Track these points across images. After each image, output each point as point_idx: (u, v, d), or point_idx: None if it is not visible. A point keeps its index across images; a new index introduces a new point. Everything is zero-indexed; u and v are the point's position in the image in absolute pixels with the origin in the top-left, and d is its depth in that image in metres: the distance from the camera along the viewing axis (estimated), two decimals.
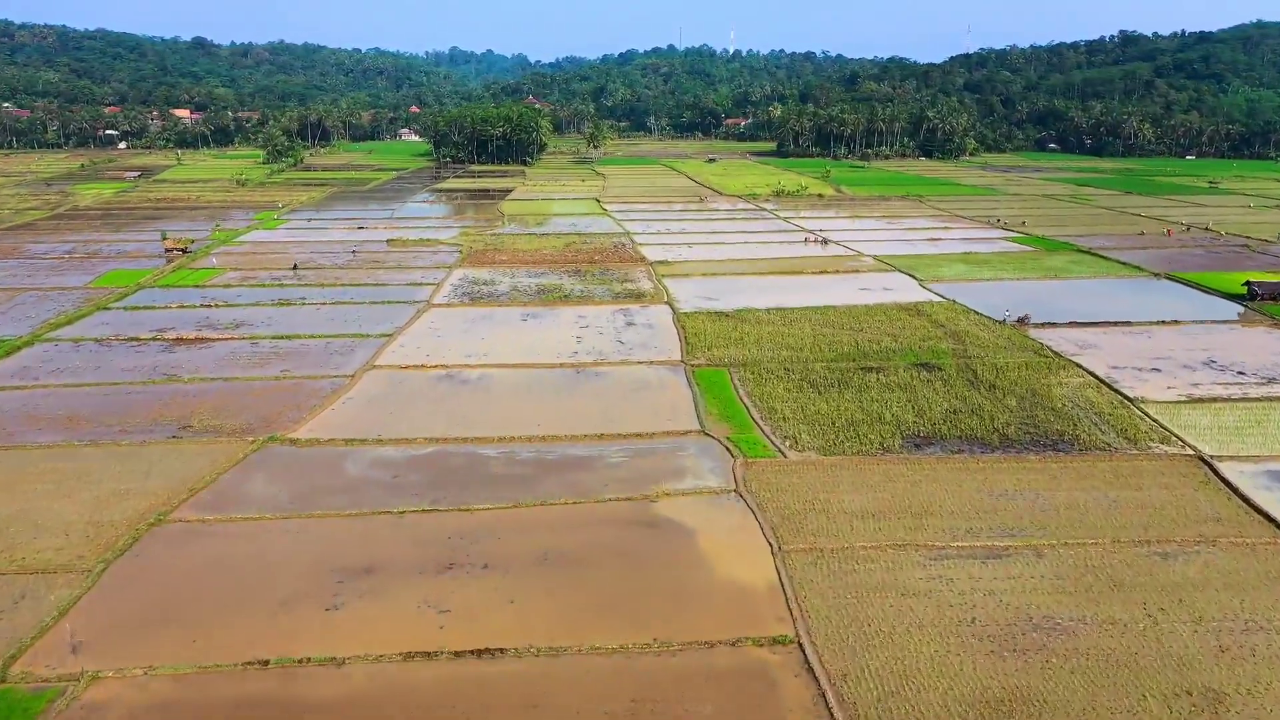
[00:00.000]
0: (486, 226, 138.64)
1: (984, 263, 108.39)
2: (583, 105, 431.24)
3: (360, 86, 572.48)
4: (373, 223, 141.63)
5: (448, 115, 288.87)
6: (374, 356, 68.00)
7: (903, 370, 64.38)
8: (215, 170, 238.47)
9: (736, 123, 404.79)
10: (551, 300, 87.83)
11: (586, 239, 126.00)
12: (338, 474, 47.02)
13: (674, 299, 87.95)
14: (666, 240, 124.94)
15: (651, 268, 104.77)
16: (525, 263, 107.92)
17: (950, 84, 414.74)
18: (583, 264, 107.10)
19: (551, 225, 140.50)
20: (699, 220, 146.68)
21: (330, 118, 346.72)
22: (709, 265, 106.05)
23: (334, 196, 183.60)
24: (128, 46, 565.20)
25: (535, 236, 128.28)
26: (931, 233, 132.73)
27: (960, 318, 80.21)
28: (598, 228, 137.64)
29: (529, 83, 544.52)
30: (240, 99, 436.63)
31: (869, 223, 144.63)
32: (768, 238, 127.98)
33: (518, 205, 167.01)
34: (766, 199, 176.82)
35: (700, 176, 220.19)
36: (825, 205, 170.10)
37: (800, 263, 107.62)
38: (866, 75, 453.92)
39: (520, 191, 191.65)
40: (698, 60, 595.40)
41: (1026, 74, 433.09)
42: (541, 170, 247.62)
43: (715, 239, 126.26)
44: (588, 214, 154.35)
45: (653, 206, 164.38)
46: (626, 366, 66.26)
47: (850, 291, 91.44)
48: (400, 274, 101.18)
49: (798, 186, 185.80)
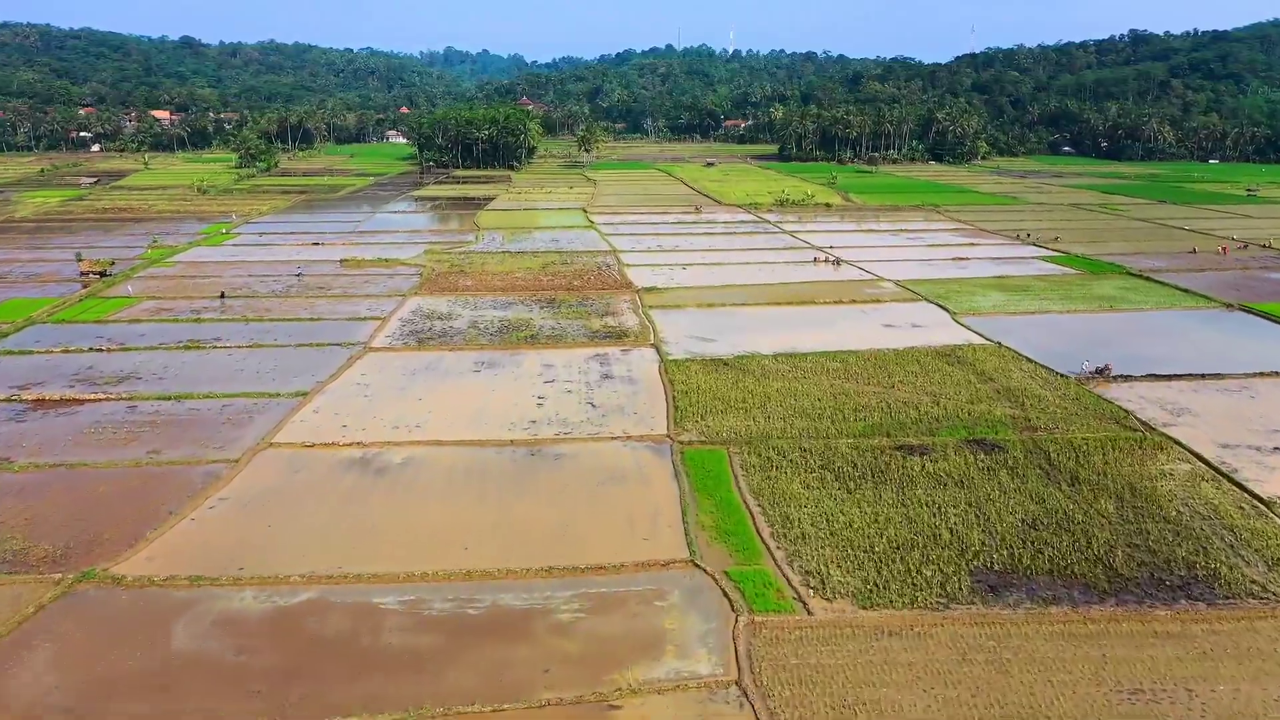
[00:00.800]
0: (457, 242, 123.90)
1: (1023, 289, 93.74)
2: (577, 106, 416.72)
3: (351, 87, 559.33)
4: (332, 238, 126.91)
5: (431, 117, 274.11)
6: (275, 429, 53.26)
7: (953, 451, 49.72)
8: (182, 176, 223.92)
9: (736, 124, 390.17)
10: (515, 342, 73.08)
11: (567, 258, 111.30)
12: (156, 646, 32.24)
13: (662, 339, 73.29)
14: (657, 260, 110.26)
15: (638, 295, 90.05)
16: (492, 289, 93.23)
17: (958, 84, 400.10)
18: (559, 291, 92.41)
19: (530, 241, 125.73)
20: (695, 235, 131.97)
21: (312, 119, 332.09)
22: (705, 293, 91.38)
23: (300, 205, 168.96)
24: (112, 46, 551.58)
25: (510, 255, 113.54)
26: (955, 250, 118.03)
27: (1011, 367, 65.61)
28: (581, 244, 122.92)
29: (523, 83, 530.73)
30: (224, 100, 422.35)
31: (884, 238, 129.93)
32: (772, 257, 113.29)
33: (496, 216, 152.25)
34: (769, 209, 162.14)
35: (697, 183, 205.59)
36: (834, 216, 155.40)
37: (811, 290, 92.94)
38: (870, 75, 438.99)
39: (502, 200, 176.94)
40: (696, 60, 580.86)
41: (1035, 74, 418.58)
42: (529, 175, 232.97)
43: (712, 258, 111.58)
44: (572, 227, 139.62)
45: (644, 218, 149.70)
46: (596, 444, 51.54)
47: (872, 329, 76.79)
48: (344, 304, 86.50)
49: (803, 195, 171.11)
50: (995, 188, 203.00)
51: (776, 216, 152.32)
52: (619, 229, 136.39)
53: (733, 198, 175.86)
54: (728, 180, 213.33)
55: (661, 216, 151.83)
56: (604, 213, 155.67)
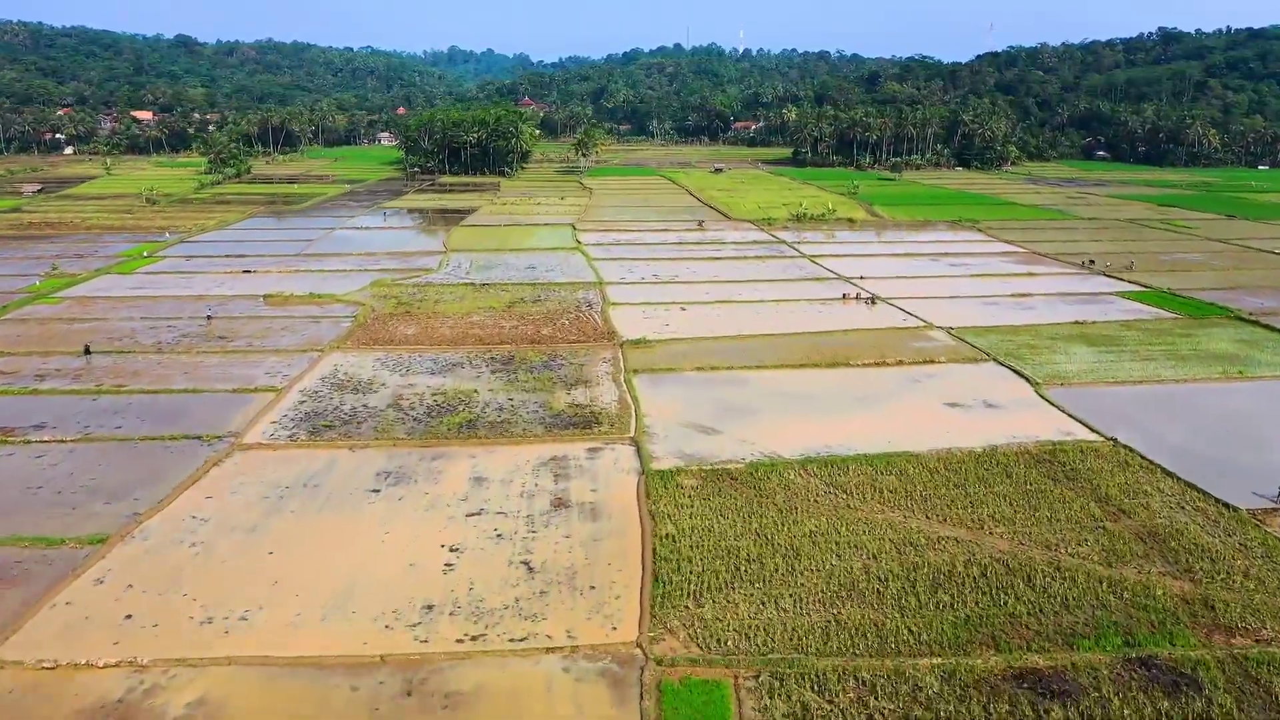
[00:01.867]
0: (415, 270, 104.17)
1: (1113, 343, 73.51)
2: (579, 108, 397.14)
3: (349, 87, 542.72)
4: (270, 263, 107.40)
5: (417, 119, 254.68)
6: (11, 625, 33.54)
7: (1110, 686, 29.73)
8: (144, 182, 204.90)
9: (746, 126, 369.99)
10: (443, 435, 53.19)
11: (541, 293, 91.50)
12: None
13: (646, 429, 53.41)
14: (651, 295, 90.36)
15: (622, 351, 70.18)
16: (438, 340, 73.46)
17: (980, 84, 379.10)
18: (522, 343, 72.61)
19: (501, 268, 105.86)
20: (698, 260, 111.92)
21: (297, 121, 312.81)
22: (708, 347, 71.44)
23: (255, 218, 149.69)
24: (102, 44, 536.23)
25: (472, 289, 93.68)
26: (1012, 282, 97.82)
27: (1143, 484, 45.53)
28: (563, 272, 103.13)
29: (525, 83, 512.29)
30: (211, 100, 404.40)
31: (922, 264, 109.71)
32: (791, 291, 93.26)
33: (470, 234, 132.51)
34: (784, 225, 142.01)
35: (704, 192, 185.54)
36: (859, 235, 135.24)
37: (843, 342, 72.88)
38: (888, 75, 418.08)
39: (483, 213, 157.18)
40: (705, 59, 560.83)
41: (1061, 74, 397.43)
42: (520, 182, 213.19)
43: (718, 293, 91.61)
44: (555, 248, 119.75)
45: (641, 237, 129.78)
46: (519, 665, 31.55)
47: (933, 410, 56.75)
48: (239, 365, 66.83)
49: (823, 209, 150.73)
50: (1034, 198, 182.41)
51: (793, 235, 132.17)
52: (610, 251, 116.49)
53: (743, 210, 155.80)
54: (737, 189, 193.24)
55: (661, 235, 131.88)
56: (595, 229, 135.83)
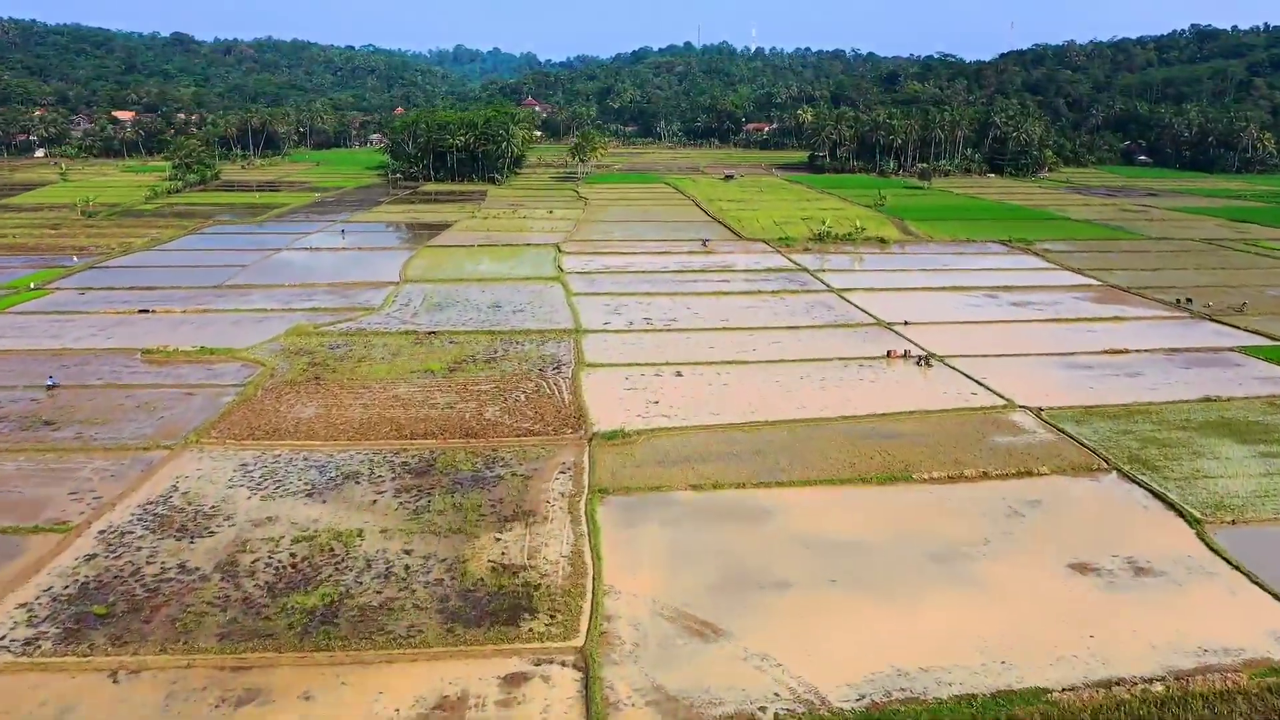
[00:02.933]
0: (350, 309, 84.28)
1: (1270, 433, 53.06)
2: (583, 108, 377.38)
3: (348, 86, 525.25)
4: (178, 301, 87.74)
5: (400, 121, 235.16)
6: None
7: None
8: (98, 189, 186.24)
9: (759, 128, 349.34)
10: (278, 638, 33.13)
11: (500, 346, 71.48)
12: None
13: (605, 632, 33.14)
14: (639, 351, 70.23)
15: (588, 453, 50.01)
16: (340, 429, 53.46)
17: (1008, 84, 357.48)
18: (453, 436, 52.61)
19: (459, 307, 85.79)
20: (702, 295, 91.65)
21: (281, 122, 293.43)
22: (708, 445, 51.23)
23: (196, 235, 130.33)
24: (94, 42, 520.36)
25: (411, 341, 73.62)
26: (1099, 331, 77.30)
27: None
28: (533, 313, 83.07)
29: (530, 82, 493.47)
30: (198, 99, 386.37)
31: (977, 301, 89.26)
32: (818, 343, 72.98)
33: (434, 258, 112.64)
34: (804, 245, 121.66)
35: (712, 204, 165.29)
36: (894, 258, 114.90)
37: (897, 433, 52.51)
38: (908, 74, 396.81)
39: (457, 230, 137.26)
40: (716, 58, 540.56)
41: (1092, 73, 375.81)
42: (509, 191, 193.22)
43: (725, 348, 71.38)
44: (531, 278, 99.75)
45: (635, 262, 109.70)
46: None
47: (1053, 582, 36.32)
48: (46, 472, 47.01)
49: (849, 226, 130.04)
50: (1085, 211, 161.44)
51: (816, 260, 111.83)
52: (596, 283, 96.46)
53: (756, 227, 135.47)
54: (749, 200, 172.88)
55: (659, 259, 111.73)
56: (583, 252, 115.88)
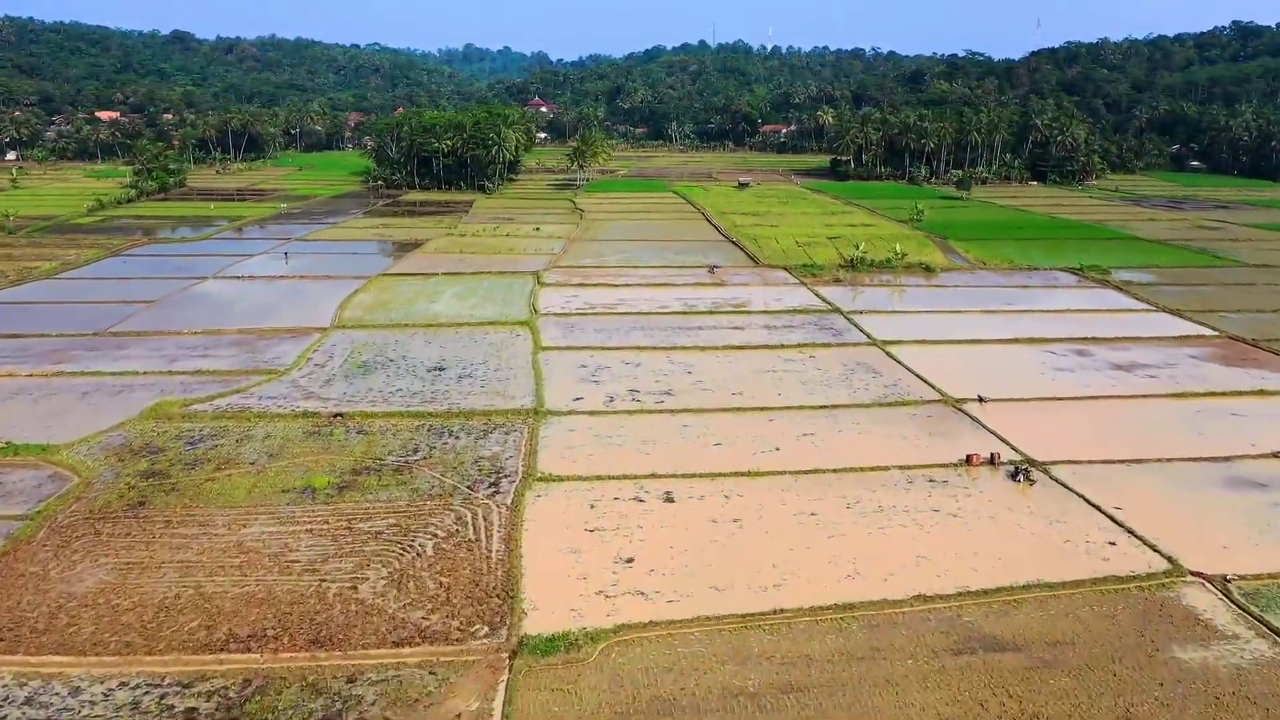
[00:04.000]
0: (246, 376, 64.70)
1: None
2: (590, 108, 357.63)
3: (351, 86, 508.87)
4: (29, 359, 68.13)
5: (383, 123, 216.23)
6: None
7: None
8: (43, 199, 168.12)
9: (776, 130, 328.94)
10: None
11: (422, 442, 51.49)
12: None
13: None
14: (616, 447, 50.14)
15: (504, 689, 29.93)
16: (105, 634, 33.72)
17: (1042, 83, 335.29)
18: (291, 644, 32.82)
19: (390, 369, 65.82)
20: (706, 351, 71.17)
21: (265, 123, 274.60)
22: (704, 656, 31.10)
23: (117, 258, 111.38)
24: (90, 40, 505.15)
25: (307, 427, 53.65)
26: (1251, 416, 56.47)
27: None
28: (483, 380, 63.07)
29: (538, 81, 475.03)
30: (188, 99, 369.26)
31: (1063, 357, 68.61)
32: (865, 440, 52.52)
33: (384, 291, 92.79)
34: (834, 273, 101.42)
35: (724, 216, 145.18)
36: (944, 292, 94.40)
37: (1008, 632, 32.23)
38: (934, 73, 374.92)
39: (426, 251, 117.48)
40: (731, 57, 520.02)
41: (1130, 72, 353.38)
42: (499, 201, 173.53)
43: (736, 447, 51.01)
44: (494, 322, 79.74)
45: (627, 298, 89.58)
46: None
47: None
48: None
49: (886, 250, 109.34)
50: (1154, 228, 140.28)
51: (849, 294, 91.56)
52: (573, 332, 76.46)
53: (775, 249, 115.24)
54: (768, 212, 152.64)
55: (658, 293, 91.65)
56: (567, 283, 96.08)
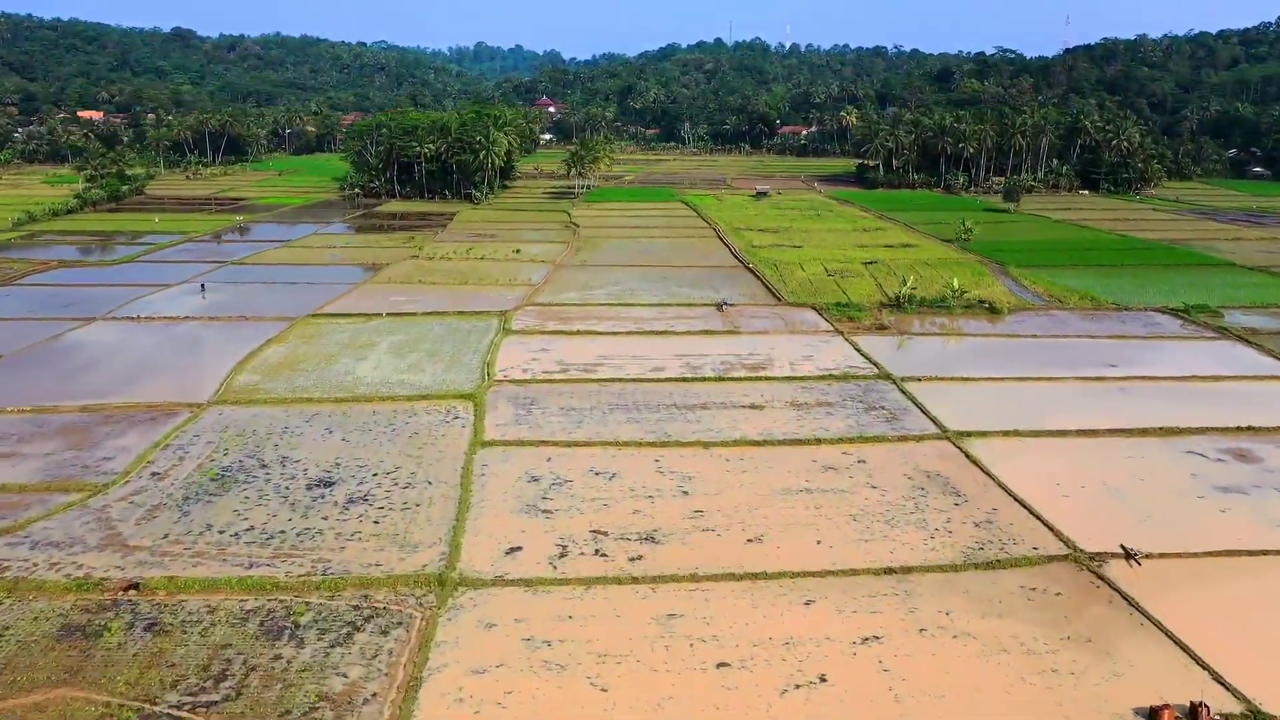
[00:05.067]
0: (48, 494, 45.11)
1: None
2: (598, 108, 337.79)
3: (354, 85, 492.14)
4: None
5: (361, 124, 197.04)
6: None
7: None
8: None
9: (796, 131, 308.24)
10: None
11: (247, 653, 31.76)
12: None
13: None
14: (561, 653, 30.11)
15: None
16: None
17: (1082, 81, 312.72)
18: None
19: (256, 484, 46.14)
20: (711, 448, 50.77)
21: (245, 125, 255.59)
22: None
23: (12, 286, 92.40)
24: (86, 38, 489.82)
25: (72, 615, 34.24)
26: None
27: None
28: (379, 510, 43.15)
29: (546, 80, 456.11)
30: (178, 98, 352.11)
31: (1223, 466, 48.02)
32: (956, 645, 32.31)
33: (307, 341, 72.87)
34: (875, 316, 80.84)
35: (739, 234, 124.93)
36: (1021, 345, 73.59)
37: None
38: (963, 71, 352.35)
39: (381, 280, 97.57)
40: (749, 55, 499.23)
41: (1175, 71, 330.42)
42: (482, 214, 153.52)
43: (749, 633, 31.03)
44: (429, 395, 59.61)
45: (612, 353, 69.31)
46: None
47: None
48: None
49: (940, 285, 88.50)
50: (1245, 249, 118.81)
51: (898, 352, 71.08)
52: (530, 415, 56.18)
53: (801, 279, 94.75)
54: (790, 228, 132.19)
55: (651, 345, 71.38)
56: (539, 329, 76.03)
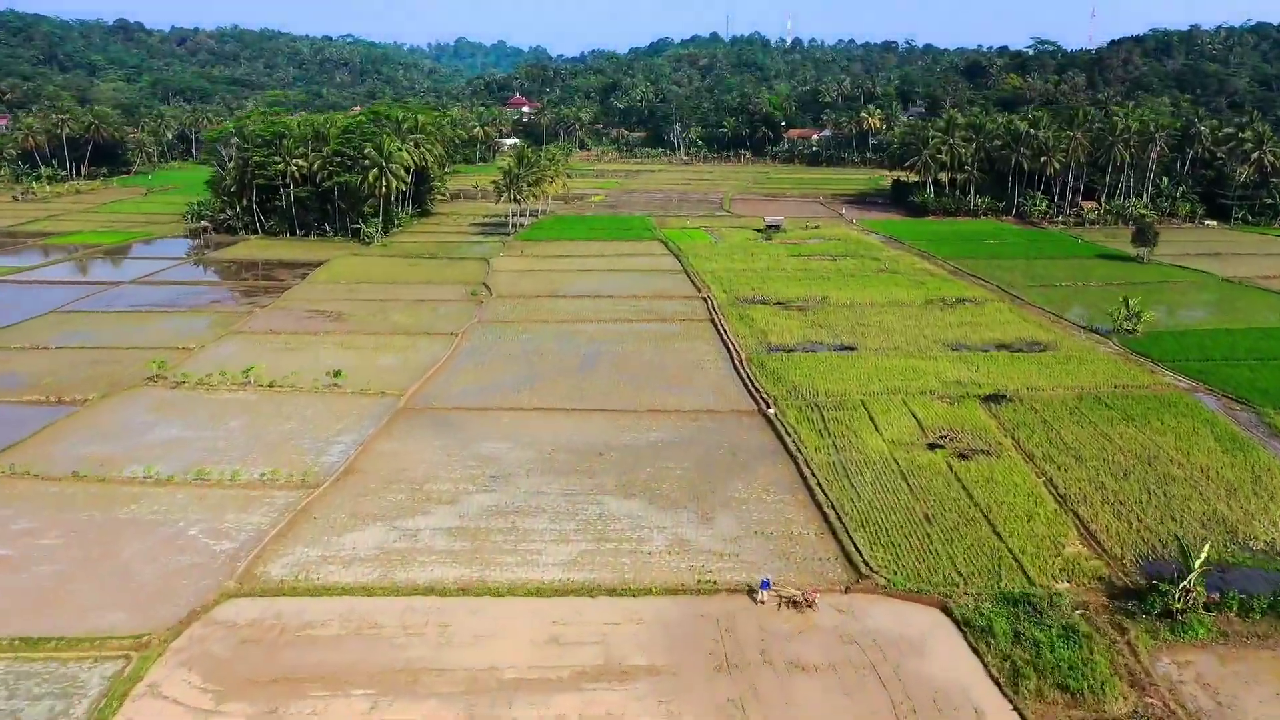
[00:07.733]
0: None
1: None
2: (574, 109, 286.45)
3: (312, 81, 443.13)
4: None
5: (213, 132, 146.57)
6: None
7: None
8: None
9: (805, 135, 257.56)
10: None
11: None
12: None
13: None
14: None
15: None
16: None
17: (1150, 77, 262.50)
18: None
19: None
20: None
21: (122, 129, 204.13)
22: None
23: None
24: (13, 29, 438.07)
25: None
26: None
27: None
28: None
29: (522, 76, 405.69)
30: (84, 96, 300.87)
31: None
32: None
33: None
34: (1108, 655, 31.00)
35: (747, 321, 74.61)
36: None
37: None
38: (998, 66, 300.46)
39: (25, 472, 47.96)
40: (747, 49, 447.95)
41: (1253, 64, 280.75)
42: (362, 266, 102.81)
43: None
44: None
45: None
46: None
47: None
48: None
49: (1226, 527, 38.77)
50: None
51: None
52: None
53: (873, 467, 44.76)
54: (826, 301, 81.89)
55: None
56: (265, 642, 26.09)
